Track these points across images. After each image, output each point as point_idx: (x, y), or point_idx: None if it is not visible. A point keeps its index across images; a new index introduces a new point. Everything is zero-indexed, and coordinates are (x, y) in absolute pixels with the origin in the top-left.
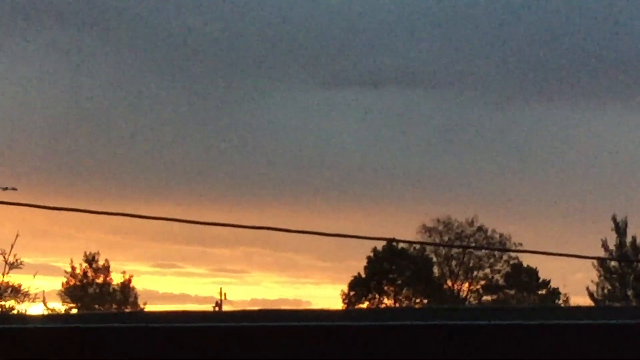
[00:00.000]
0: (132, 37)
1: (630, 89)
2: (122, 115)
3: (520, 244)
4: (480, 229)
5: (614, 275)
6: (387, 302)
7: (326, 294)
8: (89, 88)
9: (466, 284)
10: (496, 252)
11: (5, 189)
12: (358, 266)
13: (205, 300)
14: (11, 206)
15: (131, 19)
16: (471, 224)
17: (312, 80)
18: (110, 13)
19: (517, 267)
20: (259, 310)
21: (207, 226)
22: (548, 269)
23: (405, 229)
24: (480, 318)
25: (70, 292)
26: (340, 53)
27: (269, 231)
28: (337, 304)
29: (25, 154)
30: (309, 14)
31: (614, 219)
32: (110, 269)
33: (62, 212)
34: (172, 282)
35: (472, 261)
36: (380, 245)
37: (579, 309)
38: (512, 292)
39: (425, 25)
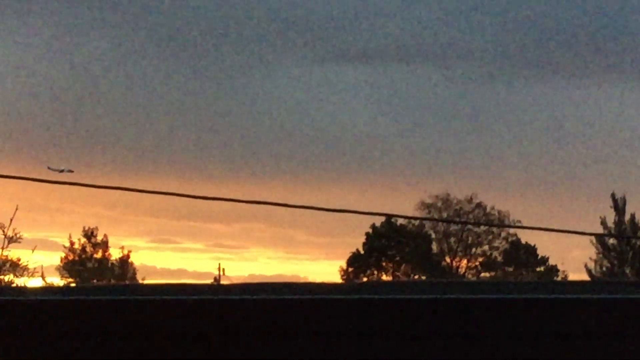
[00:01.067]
0: (130, 10)
1: (631, 65)
2: (120, 89)
3: (519, 221)
4: (479, 205)
5: (613, 253)
6: (386, 278)
7: (323, 270)
8: (86, 62)
9: (464, 261)
10: (495, 229)
11: (62, 171)
12: (355, 242)
13: (203, 275)
14: (10, 180)
15: None
16: (470, 200)
17: (312, 56)
18: None
19: (516, 244)
20: (260, 283)
21: (204, 201)
22: (546, 246)
23: (404, 205)
24: (478, 292)
25: (68, 267)
26: (340, 28)
27: (266, 207)
28: (335, 280)
29: (23, 128)
30: None
31: (613, 196)
32: (109, 244)
33: (60, 186)
34: (170, 257)
35: (470, 238)
36: (379, 221)
37: (577, 283)
38: (511, 269)
39: (426, 1)
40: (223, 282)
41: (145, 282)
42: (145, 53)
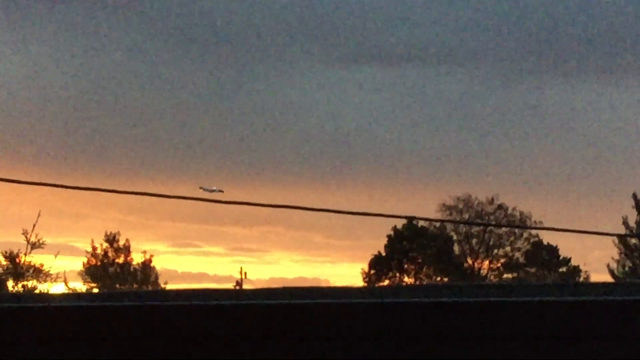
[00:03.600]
0: (149, 14)
1: None
2: (140, 94)
3: (541, 222)
4: (500, 207)
5: (635, 253)
6: (408, 280)
7: (344, 273)
8: (105, 67)
9: (486, 262)
10: (516, 230)
11: (213, 190)
12: (376, 245)
13: (224, 279)
14: (32, 186)
15: None
16: (491, 202)
17: (331, 58)
18: None
19: (538, 244)
20: (284, 288)
21: (224, 205)
22: (568, 247)
23: (426, 207)
24: (501, 295)
25: (91, 272)
26: (359, 30)
27: (287, 210)
28: (357, 283)
29: (44, 134)
30: None
31: (634, 196)
32: (131, 249)
33: (82, 191)
34: (191, 261)
35: (492, 239)
36: (400, 223)
37: (600, 285)
38: (533, 270)
39: (445, 1)
40: (245, 286)
41: (168, 287)
42: (166, 56)
